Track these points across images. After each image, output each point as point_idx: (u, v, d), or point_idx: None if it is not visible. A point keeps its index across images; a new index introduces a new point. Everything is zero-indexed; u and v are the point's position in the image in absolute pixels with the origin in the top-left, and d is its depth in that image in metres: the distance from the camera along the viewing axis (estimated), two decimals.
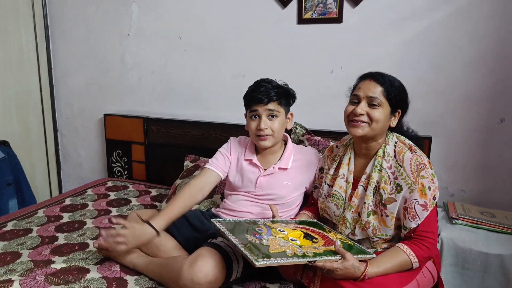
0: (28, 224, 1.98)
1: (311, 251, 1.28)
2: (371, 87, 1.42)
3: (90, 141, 3.02)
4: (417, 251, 1.35)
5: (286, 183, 1.70)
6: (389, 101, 1.42)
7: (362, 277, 1.27)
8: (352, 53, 2.23)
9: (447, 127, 2.12)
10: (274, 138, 1.67)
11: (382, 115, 1.41)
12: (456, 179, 2.14)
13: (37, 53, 2.85)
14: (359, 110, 1.41)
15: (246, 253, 1.18)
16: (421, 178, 1.36)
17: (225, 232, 1.32)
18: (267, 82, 1.67)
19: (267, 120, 1.64)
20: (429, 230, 1.37)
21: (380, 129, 1.43)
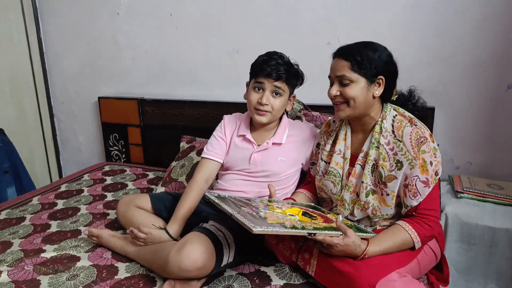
0: (22, 212, 1.95)
1: (310, 225, 1.22)
2: (337, 65, 1.34)
3: (87, 125, 2.96)
4: (420, 229, 1.28)
5: (281, 159, 1.63)
6: (361, 73, 1.30)
7: (362, 256, 1.21)
8: (351, 22, 2.11)
9: (452, 96, 2.00)
10: (272, 116, 1.59)
11: (356, 91, 1.31)
12: (462, 151, 2.04)
13: (26, 34, 2.76)
14: (332, 92, 1.35)
15: (242, 220, 1.12)
16: (422, 153, 1.27)
17: (220, 203, 1.25)
18: (280, 56, 1.58)
19: (270, 96, 1.56)
20: (431, 208, 1.30)
21: (362, 104, 1.33)
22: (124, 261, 1.50)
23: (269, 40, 2.28)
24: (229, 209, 1.20)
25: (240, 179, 1.65)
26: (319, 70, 2.19)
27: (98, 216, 1.88)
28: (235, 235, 1.39)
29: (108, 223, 1.81)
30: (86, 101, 2.90)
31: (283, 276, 1.37)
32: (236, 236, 1.39)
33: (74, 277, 1.40)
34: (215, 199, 1.29)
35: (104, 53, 2.75)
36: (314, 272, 1.28)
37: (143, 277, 1.40)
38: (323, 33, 2.17)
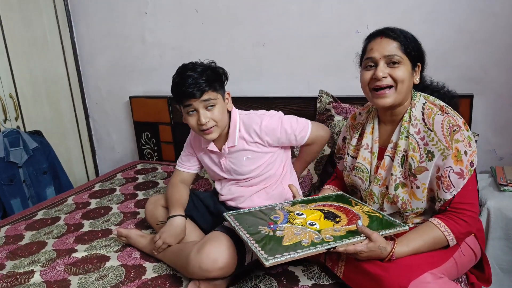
0: (57, 212, 2.01)
1: (330, 235, 1.16)
2: (385, 44, 1.23)
3: (120, 124, 3.02)
4: (454, 226, 1.18)
5: (246, 157, 1.54)
6: (408, 55, 1.24)
7: (389, 258, 1.14)
8: (379, 7, 2.00)
9: (493, 81, 1.86)
10: (219, 128, 1.49)
11: (405, 73, 1.23)
12: (506, 140, 1.89)
13: (60, 38, 2.85)
14: (380, 73, 1.22)
15: (256, 252, 1.10)
16: (456, 142, 1.18)
17: (236, 228, 1.23)
18: (191, 70, 1.44)
19: (206, 112, 1.44)
20: (467, 202, 1.19)
21: (406, 90, 1.25)
22: (152, 261, 1.51)
23: (294, 30, 2.22)
24: (244, 236, 1.18)
25: (230, 186, 1.61)
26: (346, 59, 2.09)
27: (129, 215, 1.90)
28: None
29: (138, 222, 1.83)
30: (118, 100, 2.96)
31: (311, 277, 1.33)
32: None
33: (103, 277, 1.42)
34: (232, 222, 1.27)
35: (133, 52, 2.78)
36: (342, 274, 1.23)
37: (169, 277, 1.39)
38: (349, 20, 2.09)
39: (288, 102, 2.20)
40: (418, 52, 1.27)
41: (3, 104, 2.49)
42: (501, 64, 1.83)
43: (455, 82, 1.87)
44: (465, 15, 1.85)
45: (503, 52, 1.82)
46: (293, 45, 2.24)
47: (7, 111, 2.52)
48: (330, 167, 1.91)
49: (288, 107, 2.18)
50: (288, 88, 2.26)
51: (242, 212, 1.36)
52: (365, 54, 1.30)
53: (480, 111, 1.88)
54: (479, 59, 1.86)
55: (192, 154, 1.68)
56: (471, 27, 1.85)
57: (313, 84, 2.19)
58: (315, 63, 2.21)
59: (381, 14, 1.99)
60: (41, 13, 2.72)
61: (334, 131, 1.92)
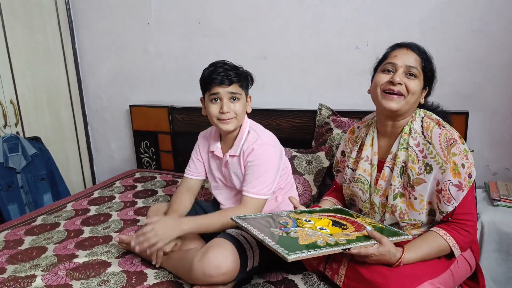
0: (57, 218, 2.01)
1: (343, 238, 1.18)
2: (409, 55, 1.31)
3: (119, 132, 3.04)
4: (458, 237, 1.23)
5: (239, 172, 1.59)
6: (424, 73, 1.32)
7: (397, 264, 1.17)
8: (379, 24, 2.07)
9: (487, 99, 1.93)
10: (237, 121, 1.56)
11: (418, 87, 1.30)
12: (499, 156, 1.96)
13: (62, 46, 2.88)
14: (397, 79, 1.28)
15: (275, 248, 1.08)
16: (453, 155, 1.23)
17: (249, 228, 1.21)
18: (223, 63, 1.54)
19: (229, 103, 1.52)
20: (467, 212, 1.25)
21: (413, 103, 1.32)
22: (153, 267, 1.51)
23: (295, 45, 2.28)
24: (259, 235, 1.15)
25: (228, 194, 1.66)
26: (346, 74, 2.18)
27: (129, 223, 1.92)
28: None
29: (138, 229, 1.83)
30: (118, 109, 2.98)
31: (311, 285, 1.35)
32: None
33: (104, 283, 1.42)
34: (242, 223, 1.25)
35: (135, 62, 2.82)
36: (343, 283, 1.25)
37: (171, 284, 1.40)
38: (350, 36, 2.15)
39: (288, 115, 2.24)
40: (432, 74, 1.35)
41: (3, 109, 2.51)
42: (495, 82, 1.90)
43: (451, 98, 1.95)
44: (462, 34, 1.92)
45: (498, 71, 1.89)
46: (295, 59, 2.30)
47: (7, 116, 2.53)
48: (328, 179, 1.95)
49: (289, 119, 2.23)
50: (288, 101, 2.31)
51: (249, 216, 1.35)
52: (386, 59, 1.35)
53: (475, 127, 1.94)
54: (475, 77, 1.93)
55: (199, 160, 1.73)
56: (467, 45, 1.92)
57: (313, 98, 2.25)
58: (315, 77, 2.27)
59: (381, 31, 2.06)
60: (44, 22, 2.76)
61: (333, 144, 1.96)
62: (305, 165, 1.94)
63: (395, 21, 2.03)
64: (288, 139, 2.10)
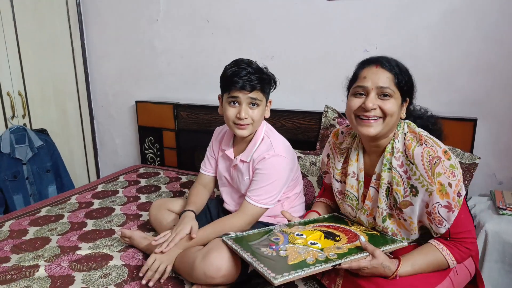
0: (61, 210, 2.02)
1: (334, 252, 1.17)
2: (380, 75, 1.19)
3: (124, 128, 3.05)
4: (458, 253, 1.20)
5: (246, 178, 1.56)
6: (400, 89, 1.20)
7: (393, 277, 1.15)
8: (387, 27, 2.06)
9: (495, 106, 1.91)
10: (253, 128, 1.51)
11: (395, 107, 1.19)
12: (506, 165, 1.94)
13: (71, 40, 2.89)
14: (370, 104, 1.17)
15: (263, 272, 1.09)
16: (437, 175, 1.14)
17: (238, 250, 1.22)
18: (247, 64, 1.47)
19: (248, 108, 1.47)
20: (464, 230, 1.20)
21: (393, 123, 1.22)
22: None
23: (302, 46, 2.28)
24: (248, 258, 1.16)
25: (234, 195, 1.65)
26: None
27: (132, 217, 1.92)
28: None
29: (140, 224, 1.85)
30: (123, 104, 3.00)
31: (311, 286, 1.34)
32: None
33: (106, 275, 1.43)
34: (233, 245, 1.25)
35: (142, 58, 2.83)
36: None
37: (172, 279, 1.41)
38: (357, 38, 2.14)
39: (294, 116, 2.24)
40: (409, 87, 1.23)
41: (12, 101, 2.52)
42: (505, 89, 1.88)
43: (459, 105, 1.94)
44: (471, 39, 1.90)
45: (507, 78, 1.87)
46: (301, 59, 2.30)
47: (15, 108, 2.55)
48: None
49: (294, 120, 2.23)
50: (294, 102, 2.30)
51: (240, 235, 1.34)
52: (356, 80, 1.24)
53: (482, 135, 1.93)
54: (484, 83, 1.91)
55: (212, 156, 1.72)
56: (477, 51, 1.90)
57: (318, 99, 2.24)
58: (321, 78, 2.26)
59: (389, 34, 2.05)
60: (54, 15, 2.78)
61: None
62: (309, 166, 1.94)
63: (404, 25, 2.02)
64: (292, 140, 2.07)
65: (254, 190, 1.49)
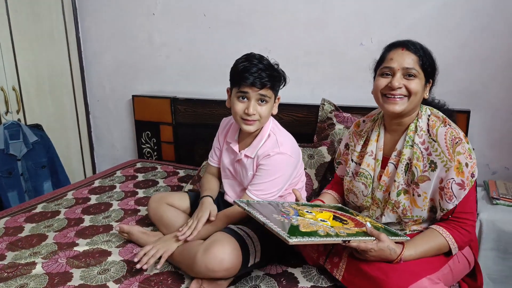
0: (57, 206, 2.02)
1: (343, 231, 1.19)
2: (406, 56, 1.28)
3: (121, 122, 3.04)
4: (458, 236, 1.24)
5: (250, 173, 1.57)
6: (424, 70, 1.30)
7: (397, 260, 1.19)
8: (385, 19, 2.07)
9: (490, 98, 1.93)
10: (260, 124, 1.52)
11: (419, 87, 1.29)
12: (499, 155, 1.96)
13: (66, 34, 2.86)
14: (396, 83, 1.27)
15: (278, 231, 1.08)
16: (457, 154, 1.23)
17: (252, 212, 1.21)
18: (258, 60, 1.46)
19: (256, 104, 1.47)
20: (468, 211, 1.26)
21: (417, 102, 1.31)
22: None
23: (301, 39, 2.27)
24: (262, 218, 1.15)
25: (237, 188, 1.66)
26: (351, 70, 2.18)
27: (130, 212, 1.92)
28: (261, 236, 1.39)
29: (138, 219, 1.85)
30: (120, 98, 2.98)
31: (310, 278, 1.36)
32: (261, 236, 1.39)
33: (105, 271, 1.43)
34: (246, 207, 1.24)
35: (139, 52, 2.81)
36: (342, 277, 1.26)
37: (171, 274, 1.42)
38: (356, 32, 2.14)
39: (291, 109, 2.24)
40: (432, 68, 1.33)
41: (5, 96, 2.50)
42: (500, 81, 1.90)
43: (455, 96, 1.95)
44: (468, 31, 1.91)
45: (503, 70, 1.88)
46: (299, 53, 2.29)
47: (9, 103, 2.53)
48: (329, 174, 1.95)
49: (291, 113, 2.23)
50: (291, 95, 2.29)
51: (252, 202, 1.34)
52: (383, 61, 1.33)
53: (477, 126, 1.94)
54: (479, 75, 1.92)
55: (218, 148, 1.73)
56: (474, 43, 1.91)
57: (316, 92, 2.25)
58: (319, 71, 2.27)
59: (387, 27, 2.05)
60: (49, 8, 2.74)
61: (335, 138, 1.97)
62: (307, 159, 1.94)
63: (401, 17, 2.02)
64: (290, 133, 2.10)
65: (255, 185, 1.51)
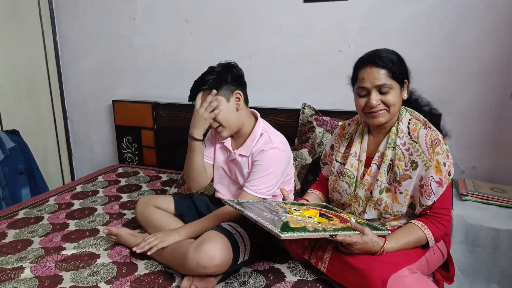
0: (39, 212, 2.01)
1: (330, 226, 1.26)
2: (375, 74, 1.35)
3: (101, 127, 3.03)
4: (434, 229, 1.34)
5: (246, 171, 1.64)
6: (396, 79, 1.37)
7: (380, 252, 1.27)
8: (361, 29, 2.17)
9: (458, 103, 2.06)
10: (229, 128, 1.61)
11: (396, 97, 1.37)
12: (467, 156, 2.09)
13: (43, 37, 2.85)
14: (374, 102, 1.35)
15: (269, 227, 1.14)
16: (436, 154, 1.33)
17: (243, 210, 1.26)
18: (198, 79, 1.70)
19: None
20: (444, 207, 1.36)
21: (397, 109, 1.40)
22: (143, 258, 1.55)
23: (282, 45, 2.35)
24: (254, 216, 1.21)
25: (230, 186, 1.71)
26: (330, 75, 2.27)
27: (115, 216, 1.94)
28: (250, 234, 1.45)
29: (125, 223, 1.87)
30: (100, 103, 2.97)
31: (296, 273, 1.43)
32: (251, 235, 1.45)
33: (95, 273, 1.46)
34: (236, 206, 1.30)
35: (119, 57, 2.82)
36: (326, 269, 1.33)
37: (162, 274, 1.45)
38: (335, 40, 2.24)
39: (273, 113, 2.30)
40: (404, 72, 1.40)
41: None
42: (466, 89, 2.04)
43: None
44: (437, 43, 2.04)
45: (468, 79, 2.02)
46: (280, 59, 2.37)
47: None
48: (310, 175, 2.03)
49: (273, 117, 2.29)
50: (273, 99, 2.37)
51: (242, 201, 1.40)
52: (356, 81, 1.41)
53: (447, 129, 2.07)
54: (448, 83, 2.06)
55: (211, 144, 1.76)
56: (441, 54, 2.04)
57: (297, 97, 2.32)
58: (300, 77, 2.35)
59: (364, 36, 2.17)
60: (25, 11, 2.72)
61: (315, 141, 2.05)
62: None
63: (376, 28, 2.14)
64: None
65: (252, 181, 1.56)
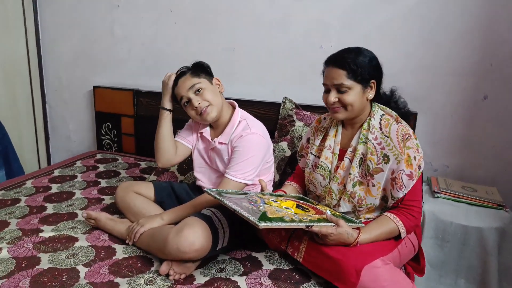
0: (16, 194, 1.99)
1: (306, 217, 1.30)
2: (334, 74, 1.40)
3: (79, 113, 3.00)
4: (406, 221, 1.40)
5: (226, 158, 1.67)
6: (357, 80, 1.39)
7: (354, 243, 1.32)
8: (343, 27, 2.22)
9: (433, 102, 2.14)
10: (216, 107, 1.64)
11: (354, 97, 1.40)
12: (440, 154, 2.18)
13: (24, 20, 2.79)
14: (331, 99, 1.42)
15: (248, 216, 1.17)
16: (407, 148, 1.38)
17: (222, 199, 1.29)
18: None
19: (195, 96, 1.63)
20: (415, 199, 1.42)
21: (357, 108, 1.44)
22: (121, 243, 1.57)
23: (264, 40, 2.38)
24: (233, 205, 1.24)
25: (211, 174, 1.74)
26: (311, 70, 2.31)
27: (94, 201, 1.94)
28: (230, 222, 1.48)
29: (103, 208, 1.87)
30: (79, 89, 2.94)
31: (273, 262, 1.47)
32: (230, 222, 1.48)
33: (73, 256, 1.46)
34: (216, 195, 1.33)
35: (100, 43, 2.80)
36: (303, 258, 1.38)
37: (140, 258, 1.47)
38: (316, 35, 2.28)
39: (254, 106, 2.33)
40: (371, 73, 1.42)
41: None
42: (440, 88, 2.11)
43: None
44: (413, 42, 2.11)
45: (443, 78, 2.10)
46: (262, 52, 2.40)
47: None
48: (289, 168, 2.08)
49: (254, 110, 2.32)
50: (254, 92, 2.40)
51: (221, 191, 1.42)
52: (323, 78, 1.48)
53: (421, 127, 2.15)
54: (423, 82, 2.13)
55: (191, 130, 1.78)
56: (418, 53, 2.12)
57: (277, 91, 2.36)
58: (281, 71, 2.39)
59: (345, 33, 2.22)
60: None
61: (295, 135, 2.09)
62: None
63: (357, 27, 2.19)
64: None
65: (232, 167, 1.59)
